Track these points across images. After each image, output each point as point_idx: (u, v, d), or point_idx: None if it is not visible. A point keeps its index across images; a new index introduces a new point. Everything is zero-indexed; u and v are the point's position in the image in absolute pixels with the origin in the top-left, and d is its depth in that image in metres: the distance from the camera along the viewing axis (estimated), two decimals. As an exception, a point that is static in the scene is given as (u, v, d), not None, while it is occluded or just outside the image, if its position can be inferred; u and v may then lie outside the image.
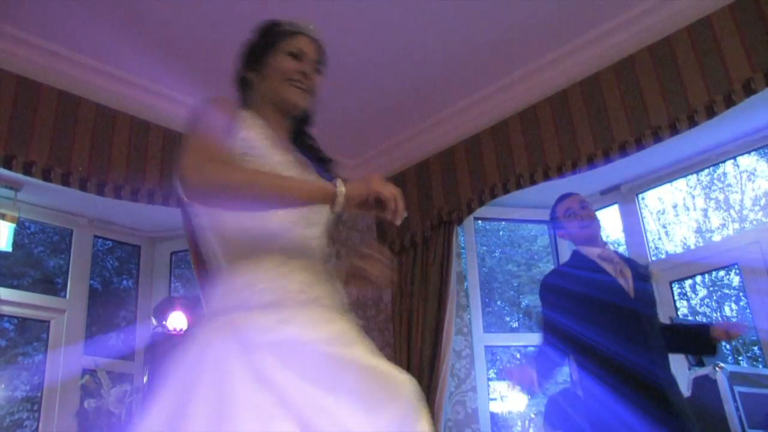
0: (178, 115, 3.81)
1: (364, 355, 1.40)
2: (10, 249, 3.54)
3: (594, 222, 2.95)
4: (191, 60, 3.53)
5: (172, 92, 3.72)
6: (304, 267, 1.51)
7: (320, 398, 1.28)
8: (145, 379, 3.82)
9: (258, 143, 1.57)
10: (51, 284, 4.56)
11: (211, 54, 3.52)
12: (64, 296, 3.92)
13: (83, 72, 3.50)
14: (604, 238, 3.03)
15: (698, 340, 2.85)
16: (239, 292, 1.44)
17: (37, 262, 4.68)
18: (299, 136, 1.80)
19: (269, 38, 1.78)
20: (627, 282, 2.78)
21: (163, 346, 3.84)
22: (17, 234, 3.60)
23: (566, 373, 3.33)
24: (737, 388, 2.89)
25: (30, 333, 4.51)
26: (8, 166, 3.19)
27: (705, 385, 2.99)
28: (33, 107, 3.34)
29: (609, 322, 2.69)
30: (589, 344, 2.68)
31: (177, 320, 3.91)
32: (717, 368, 2.93)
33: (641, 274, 2.85)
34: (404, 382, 1.42)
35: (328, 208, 1.49)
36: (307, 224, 1.58)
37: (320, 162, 1.76)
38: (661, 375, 2.61)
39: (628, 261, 2.92)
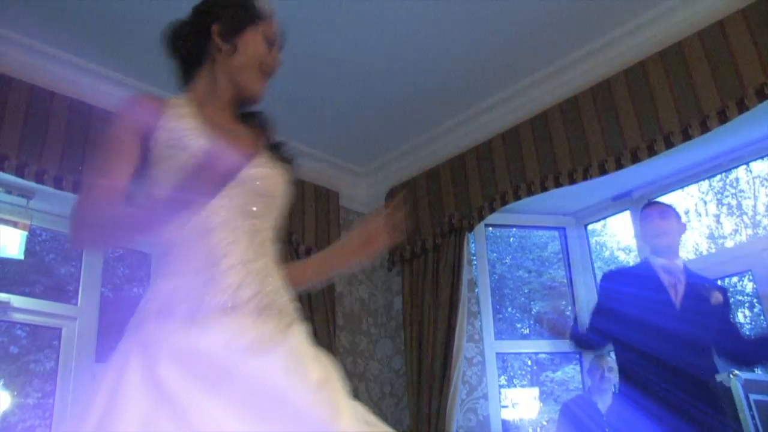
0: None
1: (270, 370, 1.30)
2: (22, 257, 3.55)
3: (669, 235, 2.99)
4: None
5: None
6: (236, 267, 1.41)
7: (209, 405, 1.21)
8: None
9: (183, 134, 1.45)
10: (62, 292, 4.58)
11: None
12: (76, 304, 3.93)
13: (94, 80, 3.52)
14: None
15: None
16: (160, 300, 1.38)
17: (48, 270, 4.70)
18: (247, 117, 1.66)
19: (248, 13, 1.62)
20: (676, 295, 2.88)
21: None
22: (29, 242, 3.61)
23: (578, 380, 3.32)
24: (752, 396, 2.85)
25: (41, 340, 4.53)
26: (20, 174, 3.20)
27: (719, 393, 2.96)
28: (45, 116, 3.35)
29: (649, 328, 2.78)
30: (631, 342, 2.80)
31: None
32: (731, 375, 2.90)
33: (700, 293, 2.91)
34: (305, 404, 1.29)
35: (275, 198, 1.52)
36: (244, 217, 1.47)
37: (272, 146, 1.63)
38: (703, 375, 2.74)
39: (692, 277, 2.97)
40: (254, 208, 1.48)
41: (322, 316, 4.05)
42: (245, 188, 1.46)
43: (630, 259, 8.03)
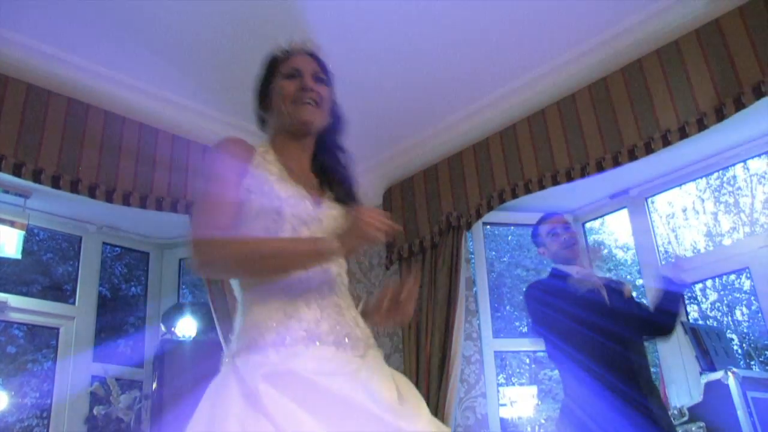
0: (186, 121, 3.83)
1: (352, 389, 1.43)
2: (19, 256, 3.55)
3: (575, 246, 3.17)
4: (198, 66, 3.54)
5: (180, 98, 3.73)
6: (311, 303, 1.56)
7: (307, 422, 1.33)
8: (154, 386, 3.82)
9: (265, 180, 1.62)
10: (60, 291, 4.58)
11: (216, 60, 3.54)
12: (73, 303, 3.93)
13: (91, 79, 3.51)
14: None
15: (660, 312, 3.03)
16: (248, 333, 1.52)
17: (46, 269, 4.70)
18: (327, 151, 1.85)
19: (268, 71, 1.85)
20: (603, 295, 3.02)
21: (172, 353, 3.85)
22: (26, 241, 3.61)
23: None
24: (750, 393, 2.86)
25: (39, 340, 4.53)
26: (18, 173, 3.19)
27: (717, 390, 2.97)
28: (42, 115, 3.35)
29: (589, 329, 2.88)
30: (574, 348, 2.91)
31: (186, 327, 3.92)
32: (729, 373, 2.91)
33: (615, 290, 3.08)
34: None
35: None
36: None
37: (340, 187, 1.80)
38: (640, 376, 2.83)
39: (605, 279, 3.14)
40: None
41: (320, 314, 4.05)
42: (315, 229, 1.63)
43: (627, 256, 8.03)
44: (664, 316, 3.02)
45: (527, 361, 8.06)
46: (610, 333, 2.87)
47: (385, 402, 1.44)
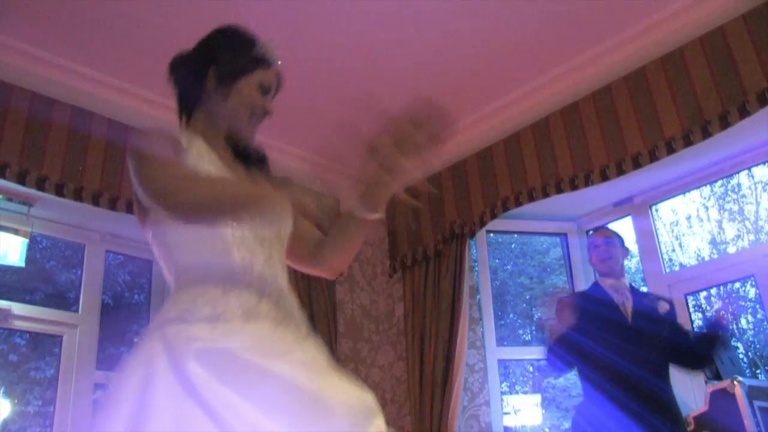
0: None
1: (297, 370, 1.35)
2: (23, 264, 3.55)
3: (609, 260, 3.24)
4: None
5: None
6: (252, 283, 1.49)
7: (242, 407, 1.25)
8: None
9: (202, 168, 1.54)
10: (63, 299, 4.58)
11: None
12: (77, 311, 3.92)
13: (95, 88, 3.52)
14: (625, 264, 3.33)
15: (700, 342, 3.07)
16: (181, 302, 1.43)
17: (49, 277, 4.70)
18: (243, 152, 1.75)
19: (246, 61, 1.69)
20: (626, 312, 3.09)
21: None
22: (29, 249, 3.60)
23: (579, 386, 3.33)
24: (756, 403, 2.84)
25: (42, 348, 4.52)
26: (21, 181, 3.20)
27: (723, 399, 2.95)
28: (46, 123, 3.35)
29: (605, 343, 2.96)
30: (595, 358, 2.95)
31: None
32: (735, 382, 2.89)
33: (646, 306, 3.13)
34: (337, 404, 1.34)
35: (282, 220, 1.61)
36: (257, 242, 1.55)
37: (269, 178, 1.72)
38: (661, 385, 2.91)
39: (637, 294, 3.22)
40: (262, 232, 1.57)
41: (324, 323, 4.04)
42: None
43: (632, 264, 8.01)
44: (702, 344, 3.04)
45: (531, 369, 8.03)
46: (628, 354, 2.91)
47: (324, 383, 1.36)
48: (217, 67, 1.67)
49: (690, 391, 3.54)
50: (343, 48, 3.49)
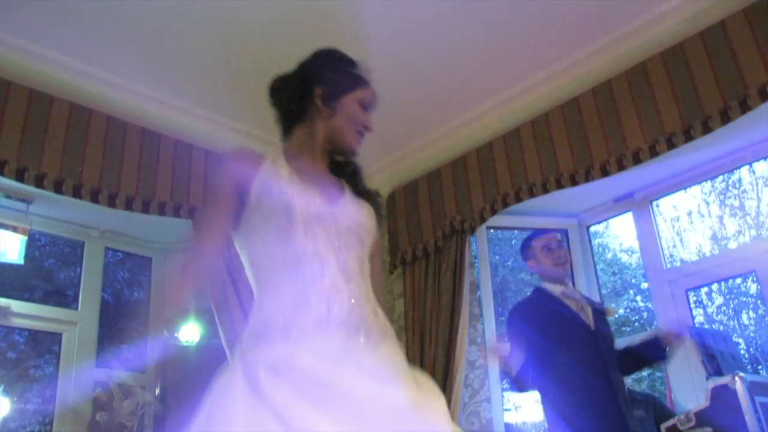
0: (188, 125, 3.82)
1: (365, 382, 1.44)
2: (22, 261, 3.54)
3: (567, 264, 3.22)
4: (201, 71, 3.54)
5: (183, 103, 3.73)
6: (323, 293, 1.56)
7: (312, 419, 1.33)
8: (157, 391, 3.81)
9: (275, 182, 1.64)
10: (62, 296, 4.57)
11: (219, 65, 3.53)
12: (76, 308, 3.92)
13: (94, 84, 3.50)
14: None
15: (651, 349, 3.10)
16: (257, 326, 1.54)
17: (48, 275, 4.69)
18: (339, 165, 1.86)
19: (349, 80, 1.84)
20: (588, 317, 3.05)
21: (175, 358, 3.83)
22: (28, 246, 3.60)
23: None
24: (758, 398, 2.83)
25: (42, 346, 4.52)
26: (20, 178, 3.19)
27: (724, 396, 2.93)
28: (44, 120, 3.34)
29: (571, 352, 2.93)
30: (555, 372, 2.94)
31: (189, 332, 3.90)
32: (736, 378, 2.87)
33: (599, 310, 3.13)
34: (405, 415, 1.41)
35: (360, 235, 1.69)
36: (331, 251, 1.63)
37: (360, 194, 1.82)
38: (621, 399, 2.89)
39: (588, 299, 3.19)
40: (337, 243, 1.64)
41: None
42: (329, 226, 1.64)
43: (632, 260, 7.99)
44: (650, 352, 3.11)
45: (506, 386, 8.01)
46: (592, 357, 2.93)
47: (395, 395, 1.44)
48: (322, 87, 1.78)
49: (690, 386, 3.53)
50: (341, 46, 3.47)
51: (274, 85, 1.84)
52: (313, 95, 1.77)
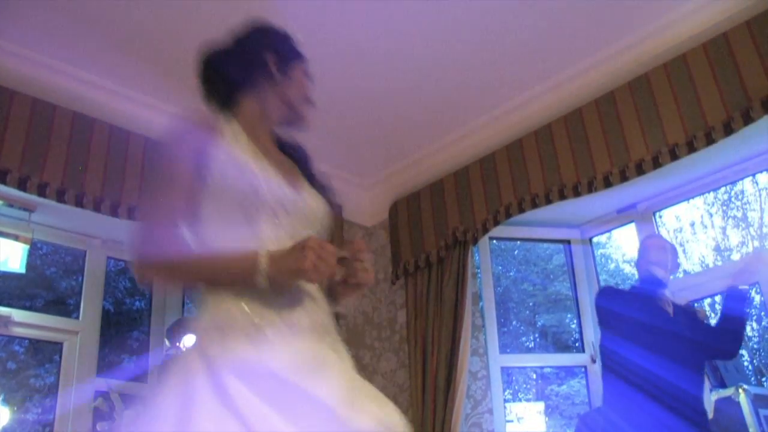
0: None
1: (330, 389, 1.35)
2: (23, 270, 3.53)
3: (669, 280, 3.24)
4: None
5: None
6: (286, 292, 1.46)
7: (279, 426, 1.26)
8: (158, 401, 3.78)
9: (238, 155, 1.50)
10: (64, 306, 4.56)
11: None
12: (77, 318, 3.91)
13: (97, 93, 3.51)
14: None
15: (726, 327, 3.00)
16: (218, 316, 1.42)
17: (49, 284, 4.69)
18: (289, 147, 1.77)
19: (294, 50, 1.76)
20: (669, 308, 3.06)
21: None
22: (30, 255, 3.59)
23: (583, 393, 3.31)
24: (762, 411, 2.81)
25: (42, 355, 4.51)
26: (22, 187, 3.19)
27: (728, 408, 2.93)
28: (47, 129, 3.35)
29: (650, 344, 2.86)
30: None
31: (190, 341, 3.89)
32: (740, 390, 2.86)
33: (686, 311, 3.12)
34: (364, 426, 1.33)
35: (320, 227, 1.58)
36: (294, 239, 1.49)
37: (307, 175, 1.72)
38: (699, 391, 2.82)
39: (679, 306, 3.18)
40: (302, 233, 1.53)
41: (325, 329, 4.02)
42: (294, 216, 1.54)
43: (635, 271, 7.96)
44: (725, 340, 3.00)
45: (534, 376, 7.99)
46: (669, 356, 2.84)
47: (357, 406, 1.36)
48: (274, 54, 1.69)
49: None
50: (346, 58, 3.48)
51: (212, 56, 1.70)
52: (266, 62, 1.67)
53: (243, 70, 1.68)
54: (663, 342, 2.85)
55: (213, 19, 3.17)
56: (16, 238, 3.49)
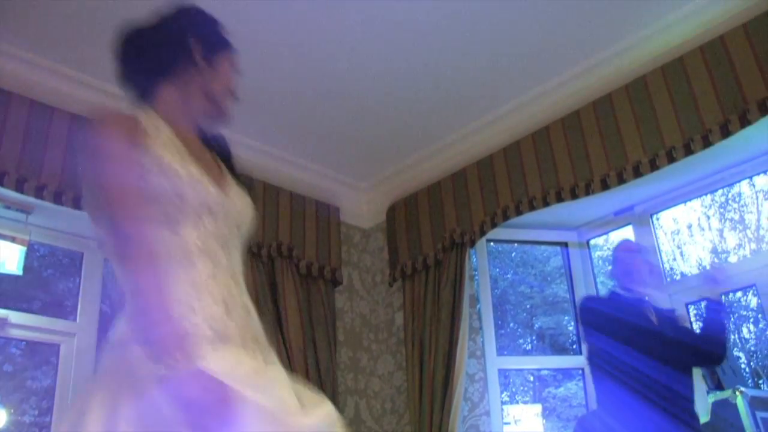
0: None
1: (274, 397, 1.28)
2: (20, 272, 3.52)
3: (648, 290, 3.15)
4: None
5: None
6: (218, 300, 1.38)
7: None
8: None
9: (162, 157, 1.39)
10: (61, 307, 4.55)
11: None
12: (74, 319, 3.90)
13: (94, 95, 3.51)
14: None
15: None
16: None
17: (46, 285, 4.68)
18: (210, 140, 1.66)
19: (222, 39, 1.63)
20: (653, 317, 2.99)
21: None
22: (27, 257, 3.59)
23: (580, 396, 3.30)
24: (759, 414, 2.82)
25: (39, 357, 4.49)
26: (20, 189, 3.19)
27: (724, 411, 2.93)
28: (44, 131, 3.34)
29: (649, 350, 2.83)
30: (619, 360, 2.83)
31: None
32: (737, 393, 2.86)
33: (668, 317, 3.04)
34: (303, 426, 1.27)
35: (245, 229, 1.51)
36: (221, 249, 1.44)
37: (231, 170, 1.63)
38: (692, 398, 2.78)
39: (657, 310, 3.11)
40: (230, 237, 1.47)
41: (323, 332, 4.02)
42: (221, 219, 1.45)
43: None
44: (711, 344, 2.98)
45: (531, 378, 7.99)
46: (657, 358, 2.83)
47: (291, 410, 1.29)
48: (199, 40, 1.57)
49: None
50: (344, 59, 3.49)
51: (131, 37, 1.58)
52: (189, 48, 1.55)
53: (163, 55, 1.56)
54: (651, 344, 2.85)
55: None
56: (13, 239, 3.48)
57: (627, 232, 4.18)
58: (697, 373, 3.28)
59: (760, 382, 6.24)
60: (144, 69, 1.56)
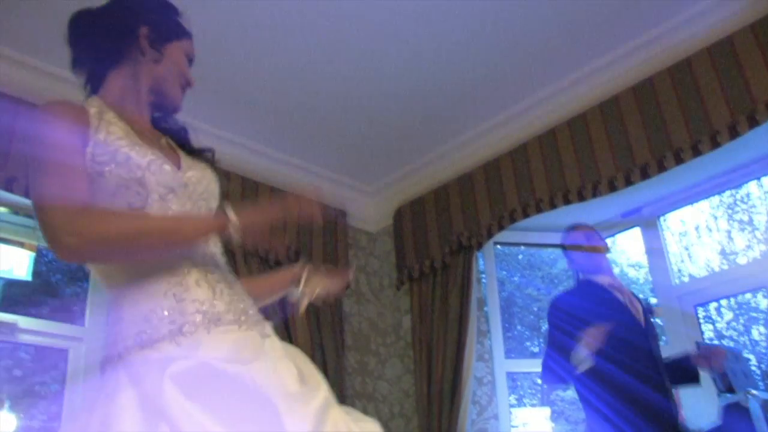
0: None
1: (261, 375, 1.26)
2: (30, 278, 3.54)
3: (597, 255, 3.13)
4: (209, 85, 3.55)
5: (186, 117, 3.73)
6: (200, 281, 1.38)
7: (206, 424, 1.17)
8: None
9: (115, 146, 1.37)
10: (69, 312, 4.56)
11: (225, 77, 3.54)
12: (83, 324, 3.91)
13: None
14: (619, 267, 3.16)
15: (681, 371, 2.98)
16: (135, 327, 1.32)
17: (55, 291, 4.69)
18: (162, 120, 1.64)
19: (175, 26, 1.60)
20: (637, 312, 2.94)
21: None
22: (35, 262, 3.60)
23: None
24: (772, 417, 2.79)
25: (48, 362, 4.51)
26: (28, 195, 3.19)
27: (736, 413, 2.90)
28: (52, 136, 3.35)
29: (620, 348, 2.79)
30: (598, 369, 2.83)
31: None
32: (748, 395, 2.84)
33: (649, 308, 3.05)
34: (294, 411, 1.24)
35: (213, 201, 1.51)
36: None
37: (190, 152, 1.61)
38: (672, 405, 2.79)
39: (635, 295, 3.08)
40: (202, 212, 1.48)
41: (330, 336, 4.02)
42: (184, 196, 1.44)
43: (640, 275, 7.95)
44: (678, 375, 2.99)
45: (539, 381, 7.97)
46: (644, 354, 2.81)
47: (291, 391, 1.28)
48: (148, 27, 1.54)
49: (702, 405, 3.49)
50: (350, 62, 3.49)
51: (79, 19, 1.56)
52: (137, 35, 1.52)
53: (110, 41, 1.53)
54: (624, 318, 2.83)
55: (217, 32, 3.18)
56: (21, 245, 3.50)
57: (635, 234, 4.17)
58: (706, 375, 3.27)
59: (771, 384, 6.20)
60: (92, 54, 1.55)
